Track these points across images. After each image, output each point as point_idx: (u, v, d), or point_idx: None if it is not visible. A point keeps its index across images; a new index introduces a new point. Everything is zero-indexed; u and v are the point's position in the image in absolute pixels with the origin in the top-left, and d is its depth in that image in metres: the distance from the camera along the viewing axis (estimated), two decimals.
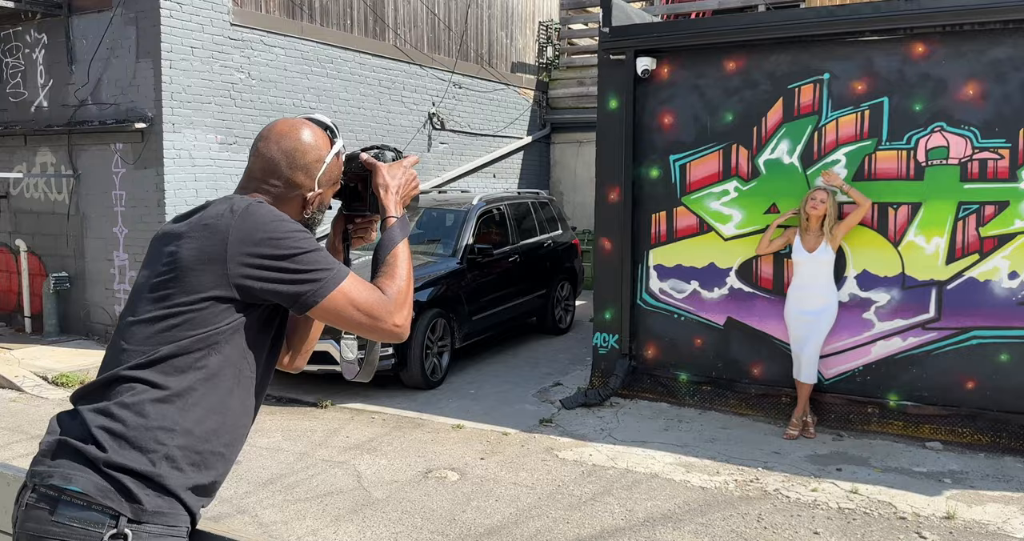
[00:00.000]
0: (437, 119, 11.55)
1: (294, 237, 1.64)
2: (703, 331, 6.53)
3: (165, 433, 1.53)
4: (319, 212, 1.85)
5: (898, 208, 5.76)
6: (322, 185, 1.80)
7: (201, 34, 8.05)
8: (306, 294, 1.62)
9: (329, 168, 1.80)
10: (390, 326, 1.69)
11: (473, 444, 5.77)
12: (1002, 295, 5.54)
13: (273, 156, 1.75)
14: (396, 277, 1.73)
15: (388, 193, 1.83)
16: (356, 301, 1.65)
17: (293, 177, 1.76)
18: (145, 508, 1.49)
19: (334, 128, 1.84)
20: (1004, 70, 5.51)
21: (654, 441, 5.78)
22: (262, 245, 1.61)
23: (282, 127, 1.79)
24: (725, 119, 6.32)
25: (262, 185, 1.77)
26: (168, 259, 1.63)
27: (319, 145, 1.78)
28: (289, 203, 1.78)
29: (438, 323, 7.35)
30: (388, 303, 1.69)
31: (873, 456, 5.45)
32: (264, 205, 1.68)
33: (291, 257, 1.62)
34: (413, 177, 1.90)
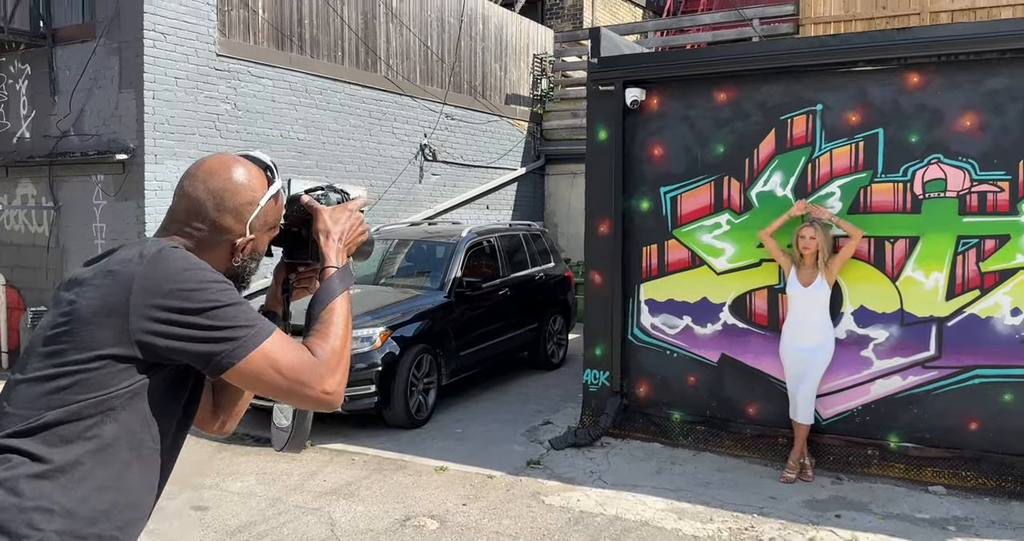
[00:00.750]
0: (429, 150, 11.43)
1: (210, 289, 1.44)
2: (696, 368, 6.31)
3: (42, 515, 1.32)
4: (251, 260, 1.66)
5: (895, 242, 5.57)
6: (255, 230, 1.62)
7: (186, 64, 7.95)
8: (220, 355, 1.42)
9: (264, 211, 1.63)
10: (318, 393, 1.49)
11: (456, 488, 5.52)
12: (1004, 332, 5.34)
13: (199, 196, 1.57)
14: (330, 336, 1.54)
15: (329, 240, 1.66)
16: (279, 364, 1.45)
17: (220, 220, 1.58)
18: None
19: (273, 167, 1.66)
20: (1001, 101, 5.37)
21: (645, 485, 5.52)
22: (171, 297, 1.41)
23: (212, 164, 1.61)
24: (716, 151, 6.17)
25: (184, 228, 1.58)
26: (66, 309, 1.44)
27: (253, 186, 1.61)
28: (215, 249, 1.59)
29: (424, 359, 7.13)
30: (318, 366, 1.49)
31: (874, 501, 5.20)
32: (179, 251, 1.49)
33: (204, 311, 1.42)
34: (359, 222, 1.74)
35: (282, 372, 1.45)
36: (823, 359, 5.52)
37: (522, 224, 10.11)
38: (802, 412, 5.51)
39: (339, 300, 1.59)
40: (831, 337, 5.55)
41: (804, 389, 5.49)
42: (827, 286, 5.46)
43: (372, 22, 10.50)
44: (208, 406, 1.76)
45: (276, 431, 1.80)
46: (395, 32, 10.91)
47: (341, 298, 1.60)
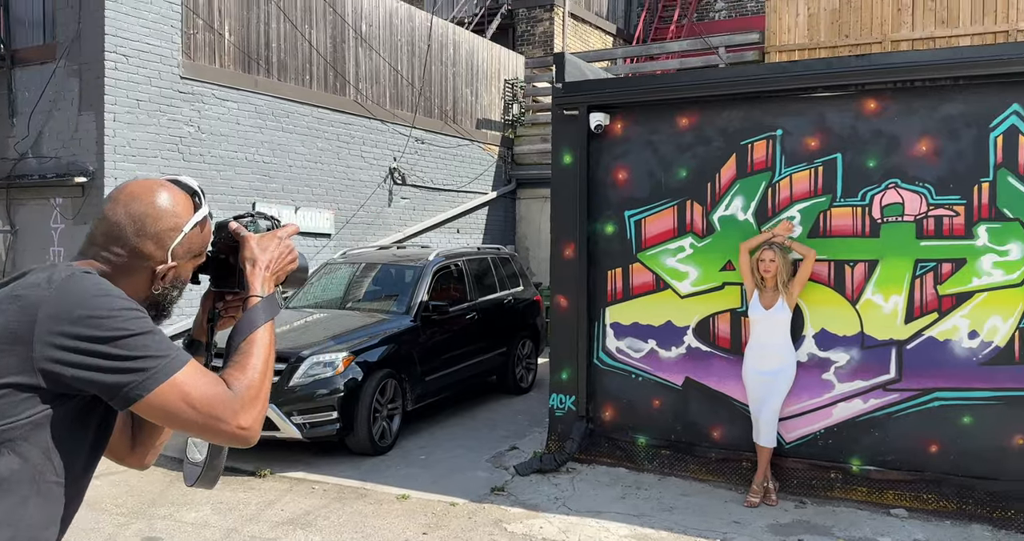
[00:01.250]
0: (398, 174, 11.41)
1: (121, 316, 1.38)
2: (661, 392, 6.29)
3: None
4: (173, 288, 1.60)
5: (855, 265, 5.62)
6: (177, 257, 1.57)
7: (148, 87, 7.88)
8: (128, 386, 1.36)
9: (188, 239, 1.57)
10: (233, 428, 1.42)
11: (417, 517, 5.42)
12: (963, 355, 5.38)
13: (119, 220, 1.52)
14: (248, 368, 1.49)
15: (255, 268, 1.61)
16: (191, 397, 1.39)
17: (140, 246, 1.52)
18: None
19: (200, 191, 1.61)
20: (956, 126, 5.46)
21: (610, 511, 5.46)
22: (79, 324, 1.35)
23: (134, 188, 1.55)
24: (679, 175, 6.21)
25: (102, 252, 1.52)
26: None
27: (177, 211, 1.55)
28: (134, 276, 1.53)
29: (388, 384, 7.03)
30: (233, 401, 1.43)
31: (836, 525, 5.18)
32: (92, 276, 1.43)
33: (114, 340, 1.36)
34: (289, 250, 1.69)
35: (195, 406, 1.39)
36: (785, 382, 5.53)
37: (491, 248, 10.09)
38: (765, 435, 5.49)
39: (261, 331, 1.54)
40: (793, 360, 5.57)
41: (767, 412, 5.48)
42: (788, 309, 5.49)
43: (341, 46, 10.51)
44: (126, 439, 1.69)
45: (188, 465, 1.72)
46: (364, 56, 10.93)
47: (263, 329, 1.54)
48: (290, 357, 6.56)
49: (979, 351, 5.35)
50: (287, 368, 6.52)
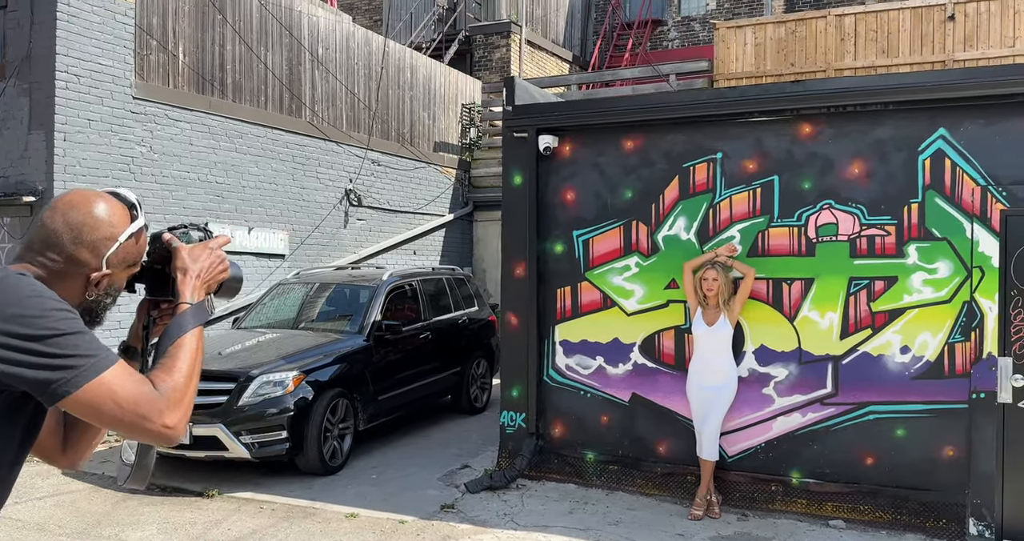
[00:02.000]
0: (354, 195, 11.47)
1: (51, 316, 1.44)
2: (609, 408, 6.40)
3: None
4: (107, 296, 1.67)
5: (792, 283, 5.82)
6: (111, 266, 1.63)
7: (100, 107, 7.86)
8: (56, 382, 1.42)
9: (123, 248, 1.64)
10: (158, 427, 1.49)
11: (365, 534, 5.42)
12: (896, 370, 5.59)
13: (56, 228, 1.58)
14: (175, 371, 1.56)
15: (186, 277, 1.69)
16: (117, 395, 1.45)
17: (76, 253, 1.58)
18: None
19: (137, 204, 1.68)
20: (887, 150, 5.71)
21: (557, 525, 5.53)
22: (11, 322, 1.41)
23: (73, 197, 1.62)
24: (625, 196, 6.38)
25: (38, 258, 1.58)
26: None
27: (113, 222, 1.62)
28: (68, 281, 1.59)
29: (340, 403, 7.04)
30: (159, 400, 1.49)
31: (777, 536, 5.31)
32: (26, 278, 1.49)
33: (44, 338, 1.42)
34: (220, 260, 1.76)
35: (120, 404, 1.45)
36: (727, 396, 5.69)
37: (446, 268, 10.17)
38: (707, 449, 5.63)
39: (189, 336, 1.61)
40: (735, 375, 5.74)
41: (709, 426, 5.62)
42: (730, 325, 5.67)
43: (297, 68, 10.59)
44: (58, 439, 1.73)
45: (121, 466, 1.77)
46: (320, 79, 11.01)
47: (191, 334, 1.61)
48: (239, 376, 6.55)
49: (911, 365, 5.56)
50: (236, 387, 6.50)
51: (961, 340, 5.44)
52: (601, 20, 19.54)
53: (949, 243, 5.50)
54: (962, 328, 5.44)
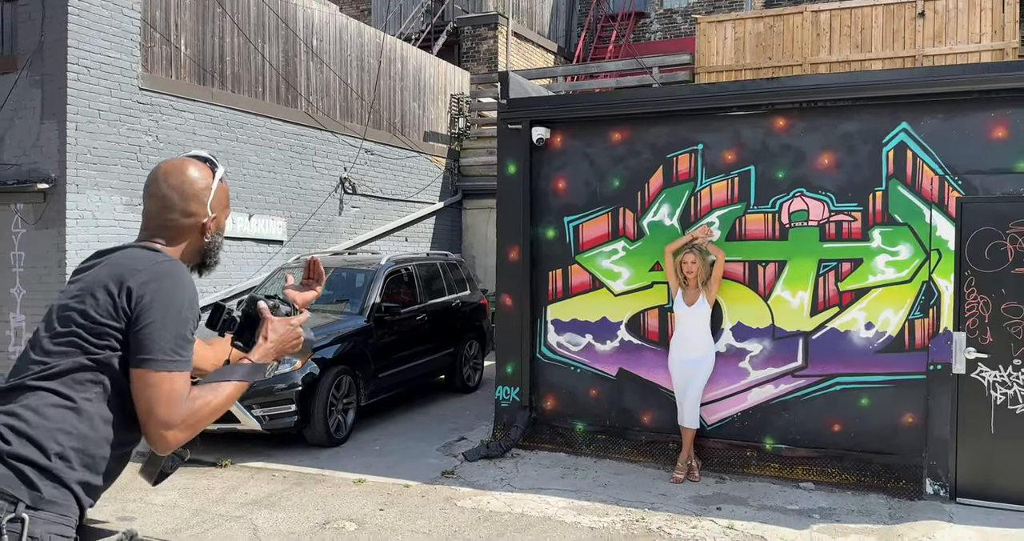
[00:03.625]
0: (349, 184, 11.83)
1: (181, 304, 1.83)
2: (597, 382, 6.87)
3: (64, 435, 1.71)
4: (218, 235, 2.04)
5: (766, 265, 6.31)
6: (214, 210, 2.00)
7: (109, 98, 8.18)
8: (143, 353, 1.77)
9: (217, 193, 2.00)
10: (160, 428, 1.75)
11: (374, 496, 5.87)
12: (860, 344, 6.09)
13: (165, 193, 1.94)
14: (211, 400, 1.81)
15: (265, 342, 1.97)
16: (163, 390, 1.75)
17: (187, 206, 1.95)
18: (43, 496, 1.66)
19: (213, 159, 2.04)
20: (854, 142, 6.19)
21: (550, 488, 6.00)
22: (146, 288, 1.80)
23: (166, 166, 1.99)
24: (612, 184, 6.83)
25: (160, 223, 1.95)
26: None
27: (204, 175, 1.98)
28: (188, 233, 1.97)
29: (343, 380, 7.45)
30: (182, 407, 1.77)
31: (751, 496, 5.81)
32: (175, 264, 1.87)
33: (165, 319, 1.79)
34: (296, 336, 2.02)
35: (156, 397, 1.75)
36: (706, 369, 6.18)
37: (439, 254, 10.59)
38: (688, 417, 6.12)
39: (235, 384, 1.87)
40: (712, 350, 6.24)
41: (690, 396, 6.11)
42: (708, 304, 6.16)
43: (293, 60, 10.91)
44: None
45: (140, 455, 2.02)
46: (315, 70, 11.34)
47: (237, 384, 1.88)
48: None
49: (875, 340, 6.07)
50: None
51: (920, 317, 5.95)
52: (585, 12, 19.93)
53: (910, 228, 6.00)
54: (921, 306, 5.94)
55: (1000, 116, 5.74)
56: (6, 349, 8.32)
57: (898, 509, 5.60)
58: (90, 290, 1.80)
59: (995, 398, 5.67)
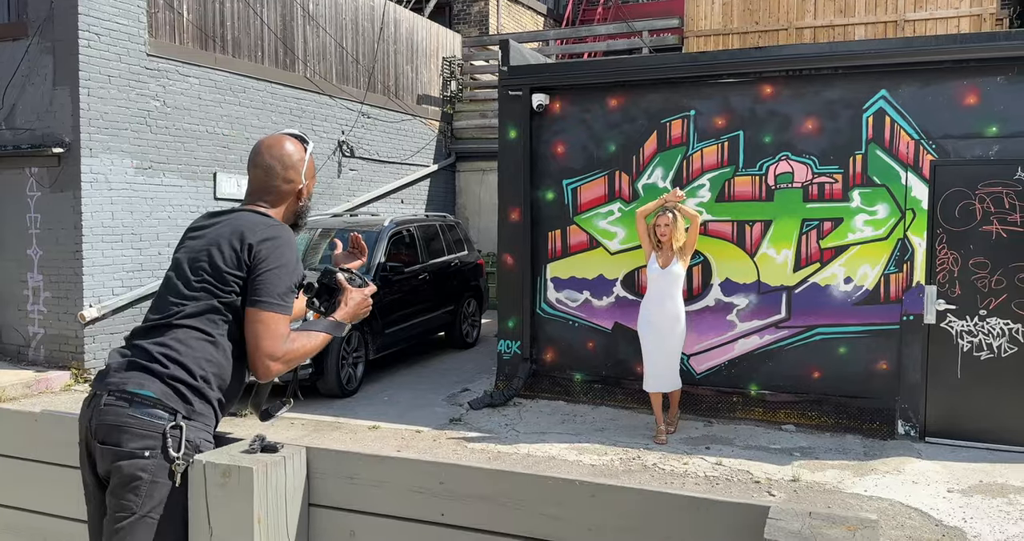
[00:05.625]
0: (347, 147, 12.10)
1: (288, 261, 2.19)
2: (594, 335, 7.33)
3: (206, 362, 2.09)
4: (309, 199, 2.40)
5: (753, 225, 6.74)
6: (307, 178, 2.34)
7: (118, 64, 8.40)
8: (257, 294, 2.14)
9: (308, 164, 2.35)
10: (267, 360, 2.11)
11: (389, 440, 6.33)
12: (839, 297, 6.57)
13: (270, 163, 2.28)
14: (305, 343, 2.18)
15: (345, 306, 2.33)
16: (270, 329, 2.10)
17: (287, 175, 2.29)
18: (194, 409, 2.05)
19: (303, 136, 2.40)
20: (836, 109, 6.58)
21: (552, 432, 6.49)
22: (264, 245, 2.17)
23: (270, 141, 2.33)
24: (609, 149, 7.20)
25: (266, 187, 2.28)
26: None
27: (299, 148, 2.33)
28: (287, 198, 2.32)
29: (353, 335, 7.87)
30: (283, 345, 2.11)
31: (737, 437, 6.32)
32: (281, 228, 2.24)
33: (276, 269, 2.15)
34: (368, 304, 2.40)
35: (264, 334, 2.10)
36: (679, 334, 6.16)
37: (438, 215, 10.94)
38: (656, 381, 6.17)
39: (322, 337, 2.24)
40: (683, 314, 6.18)
41: (661, 361, 6.14)
42: (682, 267, 6.15)
43: (290, 24, 11.09)
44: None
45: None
46: (312, 33, 11.52)
47: (323, 337, 2.25)
48: None
49: (853, 293, 6.54)
50: None
51: (895, 271, 6.42)
52: None
53: (887, 189, 6.43)
54: (896, 261, 6.41)
55: (972, 84, 6.14)
56: (24, 308, 8.65)
57: (872, 447, 6.13)
58: (216, 244, 2.17)
59: (962, 346, 6.18)
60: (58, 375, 8.20)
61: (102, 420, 2.01)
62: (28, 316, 8.62)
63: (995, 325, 6.07)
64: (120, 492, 1.98)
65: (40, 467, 2.42)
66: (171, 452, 1.98)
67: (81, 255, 8.22)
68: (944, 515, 4.83)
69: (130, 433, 1.98)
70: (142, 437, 1.98)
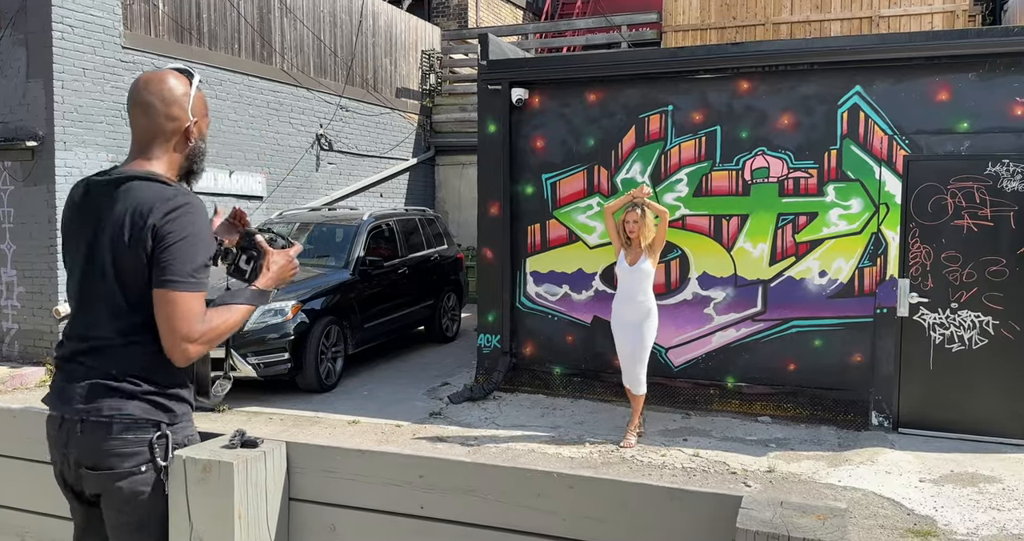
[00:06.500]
0: (325, 140, 12.04)
1: (195, 234, 2.01)
2: (573, 329, 7.37)
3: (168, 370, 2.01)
4: (201, 141, 2.14)
5: (730, 219, 6.81)
6: (195, 114, 2.09)
7: (93, 56, 8.30)
8: (165, 275, 1.96)
9: (195, 99, 2.09)
10: (182, 342, 1.94)
11: (369, 435, 6.34)
12: (814, 290, 6.66)
13: (149, 100, 2.03)
14: (226, 319, 2.01)
15: (267, 272, 2.17)
16: (180, 309, 1.94)
17: (170, 111, 2.04)
18: (176, 413, 2.03)
19: (188, 70, 2.14)
20: (812, 104, 6.66)
21: (531, 425, 6.53)
22: (165, 222, 1.97)
23: (146, 77, 2.09)
24: (588, 143, 7.24)
25: (148, 130, 2.04)
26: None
27: (182, 82, 2.08)
28: (175, 138, 2.07)
29: (332, 330, 7.86)
30: (200, 324, 1.95)
31: (714, 429, 6.40)
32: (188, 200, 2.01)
33: (180, 242, 1.97)
34: (295, 266, 2.22)
35: (175, 315, 1.94)
36: (649, 332, 6.01)
37: (417, 209, 10.93)
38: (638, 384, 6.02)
39: (243, 308, 2.07)
40: (654, 312, 6.03)
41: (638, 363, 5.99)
42: (651, 265, 5.97)
43: (267, 16, 11.01)
44: None
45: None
46: (289, 26, 11.45)
47: (245, 308, 2.08)
48: None
49: (827, 287, 6.64)
50: None
51: (869, 265, 6.52)
52: None
53: (861, 184, 6.52)
54: (870, 255, 6.51)
55: (944, 81, 6.23)
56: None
57: (846, 438, 6.23)
58: (119, 239, 1.97)
59: (934, 338, 6.29)
60: (32, 371, 8.13)
61: (85, 448, 1.97)
62: (2, 311, 8.52)
63: (966, 318, 6.18)
64: (125, 508, 1.97)
65: (20, 464, 2.41)
66: (159, 461, 1.97)
67: (55, 250, 8.13)
68: (916, 504, 4.93)
69: (120, 455, 1.95)
70: (133, 455, 1.96)
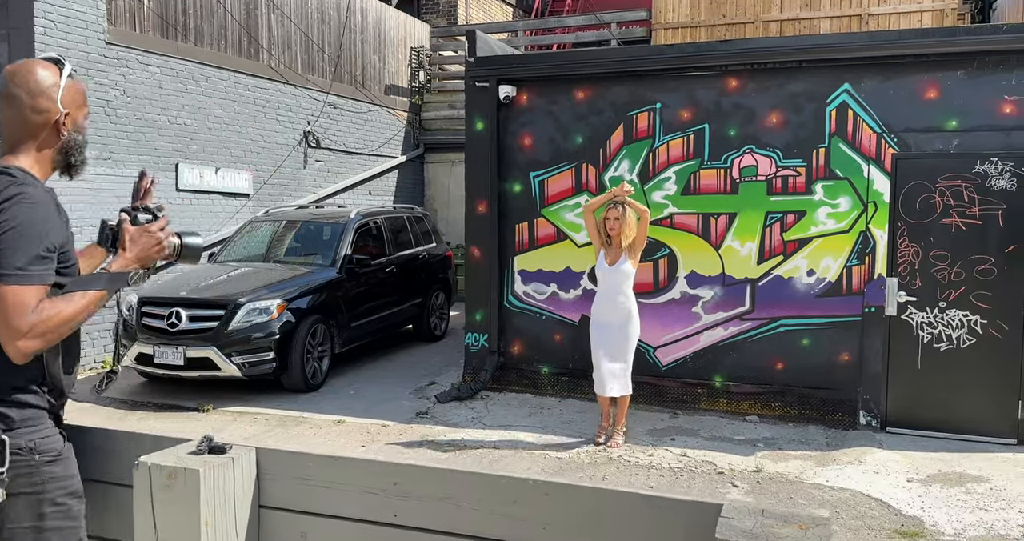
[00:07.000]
0: (312, 137, 11.95)
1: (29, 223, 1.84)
2: (561, 328, 7.33)
3: (10, 374, 1.89)
4: (76, 133, 2.03)
5: (718, 217, 6.77)
6: (67, 106, 1.98)
7: (76, 52, 8.19)
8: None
9: (67, 90, 1.98)
10: (12, 338, 1.80)
11: (354, 435, 6.28)
12: (802, 289, 6.63)
13: (14, 93, 1.93)
14: (63, 308, 1.84)
15: (124, 252, 2.02)
16: (8, 302, 1.79)
17: (37, 104, 1.93)
18: (15, 420, 1.90)
19: (59, 59, 2.03)
20: (800, 102, 6.62)
21: (519, 425, 6.48)
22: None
23: (11, 68, 1.98)
24: (576, 141, 7.19)
25: (14, 124, 1.94)
26: None
27: (51, 73, 1.96)
28: (43, 132, 1.96)
29: (318, 329, 7.78)
30: (29, 317, 1.80)
31: (702, 428, 6.37)
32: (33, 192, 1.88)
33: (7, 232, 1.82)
34: (157, 242, 2.03)
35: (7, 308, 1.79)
36: (630, 335, 5.85)
37: (405, 207, 10.86)
38: (611, 384, 5.79)
39: (92, 293, 1.90)
40: (634, 314, 5.87)
41: (612, 363, 5.79)
42: (631, 265, 5.83)
43: (254, 12, 10.91)
44: None
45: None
46: (276, 22, 11.35)
47: (95, 293, 1.91)
48: (228, 304, 7.22)
49: (815, 285, 6.61)
50: (226, 314, 7.17)
51: (857, 264, 6.49)
52: None
53: (849, 182, 6.50)
54: (858, 253, 6.48)
55: (933, 78, 6.21)
56: None
57: (834, 438, 6.20)
58: None
59: (922, 337, 6.27)
60: None
61: None
62: None
63: (954, 316, 6.17)
64: None
65: None
66: None
67: None
68: (904, 505, 4.91)
69: None
70: None
